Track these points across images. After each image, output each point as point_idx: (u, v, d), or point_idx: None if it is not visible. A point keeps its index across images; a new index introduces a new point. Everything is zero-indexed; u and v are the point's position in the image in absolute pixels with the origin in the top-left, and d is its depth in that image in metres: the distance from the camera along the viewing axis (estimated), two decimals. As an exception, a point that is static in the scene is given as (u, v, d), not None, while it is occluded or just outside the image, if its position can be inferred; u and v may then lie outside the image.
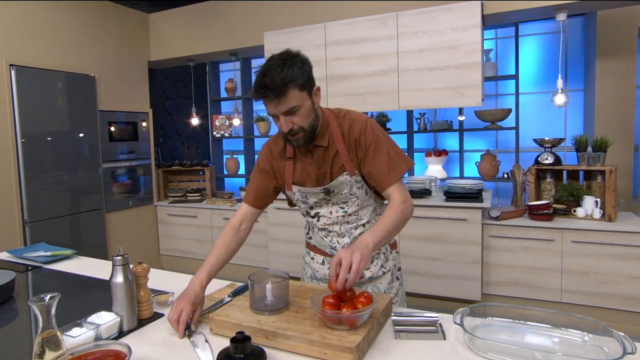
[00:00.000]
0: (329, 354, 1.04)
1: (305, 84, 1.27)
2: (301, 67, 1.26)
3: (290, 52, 1.29)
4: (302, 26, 3.52)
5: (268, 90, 1.22)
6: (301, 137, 1.33)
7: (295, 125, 1.29)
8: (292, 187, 1.47)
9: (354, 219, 1.48)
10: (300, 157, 1.45)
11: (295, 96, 1.25)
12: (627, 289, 2.78)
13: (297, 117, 1.28)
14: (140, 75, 4.28)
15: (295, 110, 1.27)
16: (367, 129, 1.38)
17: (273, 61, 1.25)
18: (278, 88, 1.21)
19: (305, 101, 1.29)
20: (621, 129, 3.59)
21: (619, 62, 3.58)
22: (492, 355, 1.04)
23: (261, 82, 1.23)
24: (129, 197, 4.15)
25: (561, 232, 2.91)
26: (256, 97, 1.27)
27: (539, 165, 3.17)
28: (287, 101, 1.24)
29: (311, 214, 1.52)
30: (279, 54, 1.28)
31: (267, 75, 1.22)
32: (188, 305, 1.23)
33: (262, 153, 1.53)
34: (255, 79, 1.27)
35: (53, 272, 1.85)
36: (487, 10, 2.97)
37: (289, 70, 1.22)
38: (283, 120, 1.28)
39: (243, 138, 5.02)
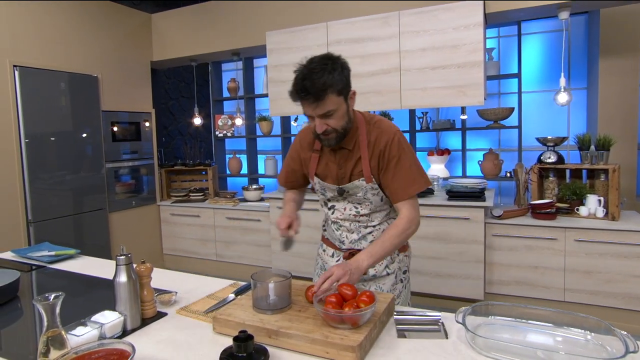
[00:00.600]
0: (331, 353, 1.04)
1: (342, 88, 1.31)
2: (341, 72, 1.30)
3: (332, 56, 1.32)
4: (304, 26, 3.52)
5: (308, 93, 1.26)
6: (333, 138, 1.39)
7: (329, 126, 1.34)
8: (314, 178, 1.56)
9: (365, 220, 1.53)
10: (325, 152, 1.51)
11: (333, 100, 1.29)
12: (631, 288, 2.77)
13: (332, 119, 1.33)
14: (143, 76, 4.29)
15: (331, 113, 1.32)
16: (393, 142, 1.42)
17: (314, 64, 1.28)
18: (317, 92, 1.25)
19: (341, 105, 1.34)
20: (624, 128, 3.57)
21: (623, 60, 3.56)
22: (495, 354, 1.04)
23: (302, 86, 1.26)
24: (132, 197, 4.16)
25: (564, 231, 2.90)
26: (295, 98, 1.31)
27: (541, 164, 3.16)
28: (324, 105, 1.29)
29: (328, 205, 1.60)
30: (320, 57, 1.31)
31: (307, 79, 1.25)
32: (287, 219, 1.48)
33: (294, 142, 1.63)
34: (294, 80, 1.30)
35: (57, 271, 1.86)
36: (489, 9, 2.96)
37: (329, 76, 1.26)
38: (318, 122, 1.33)
39: (245, 138, 5.02)
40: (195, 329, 1.25)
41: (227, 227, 4.13)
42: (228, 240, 4.14)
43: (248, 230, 4.03)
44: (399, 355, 1.07)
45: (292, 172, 1.65)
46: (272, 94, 3.76)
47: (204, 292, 1.54)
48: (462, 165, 4.03)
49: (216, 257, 4.22)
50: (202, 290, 1.57)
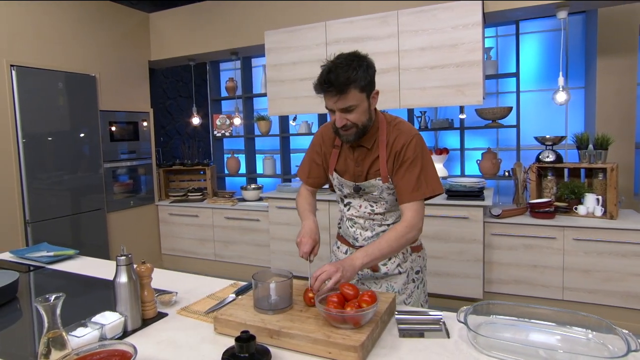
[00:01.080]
0: (333, 353, 1.04)
1: (366, 86, 1.33)
2: (365, 70, 1.32)
3: (359, 54, 1.35)
4: (302, 25, 3.52)
5: (331, 86, 1.29)
6: (352, 134, 1.40)
7: (349, 121, 1.36)
8: (333, 173, 1.58)
9: (380, 218, 1.55)
10: (344, 149, 1.53)
11: (355, 96, 1.32)
12: (630, 286, 2.78)
13: (352, 115, 1.36)
14: (141, 75, 4.27)
15: (352, 108, 1.34)
16: (411, 144, 1.43)
17: (341, 60, 1.32)
18: (340, 86, 1.28)
19: (363, 102, 1.36)
20: (622, 127, 3.58)
21: (620, 59, 3.57)
22: (496, 353, 1.04)
23: (326, 78, 1.30)
24: (130, 197, 4.15)
25: (563, 230, 2.91)
26: (318, 90, 1.35)
27: (540, 163, 3.17)
28: (346, 99, 1.31)
29: (344, 202, 1.61)
30: (347, 53, 1.35)
31: (332, 72, 1.29)
32: (312, 242, 1.44)
33: (316, 137, 1.64)
34: (320, 73, 1.33)
35: (56, 272, 1.85)
36: (487, 8, 2.96)
37: (354, 72, 1.29)
38: (339, 116, 1.36)
39: (244, 137, 5.01)
40: (196, 329, 1.25)
41: (225, 227, 4.12)
42: (227, 240, 4.13)
43: (247, 230, 4.02)
44: (401, 355, 1.07)
45: (315, 167, 1.64)
46: (271, 94, 3.76)
47: (204, 293, 1.53)
48: (460, 164, 4.03)
49: (215, 257, 4.21)
50: (202, 290, 1.56)
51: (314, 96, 3.69)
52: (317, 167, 1.63)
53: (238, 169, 5.20)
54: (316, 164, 1.63)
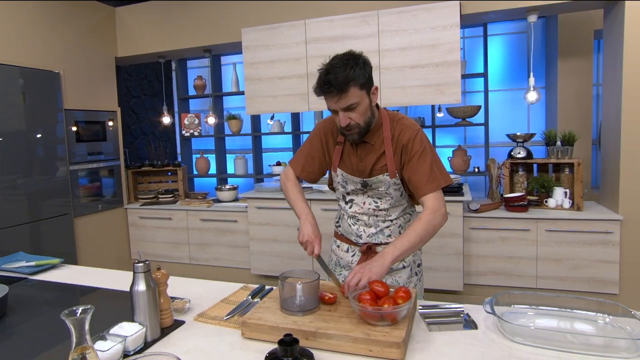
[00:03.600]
0: (374, 351, 1.04)
1: (365, 83, 1.35)
2: (362, 68, 1.34)
3: (354, 53, 1.37)
4: (281, 23, 3.48)
5: (331, 86, 1.31)
6: (356, 133, 1.42)
7: (352, 120, 1.38)
8: (337, 170, 1.57)
9: (384, 214, 1.56)
10: (347, 145, 1.54)
11: (356, 94, 1.34)
12: (595, 272, 2.99)
13: (355, 113, 1.37)
14: (108, 72, 4.05)
15: (354, 107, 1.36)
16: (417, 137, 1.45)
17: (337, 60, 1.34)
18: (340, 85, 1.30)
19: (364, 99, 1.37)
20: (581, 125, 3.84)
21: (578, 62, 3.83)
22: (527, 340, 1.08)
23: (325, 79, 1.32)
24: (97, 201, 3.93)
25: (536, 222, 3.07)
26: (319, 92, 1.37)
27: (512, 159, 3.33)
28: (347, 98, 1.33)
29: (346, 200, 1.61)
30: (342, 54, 1.37)
31: (331, 73, 1.31)
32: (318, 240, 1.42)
33: (316, 129, 1.64)
34: (319, 76, 1.35)
35: (43, 283, 1.72)
36: (464, 10, 3.07)
37: (352, 70, 1.31)
38: (342, 116, 1.37)
39: (214, 137, 4.89)
40: (220, 335, 1.21)
41: (201, 229, 4.00)
42: (202, 243, 4.02)
43: (224, 232, 3.93)
44: (437, 348, 1.09)
45: (311, 160, 1.61)
46: (248, 92, 3.69)
47: (216, 297, 1.49)
48: (434, 161, 4.14)
49: (190, 260, 4.08)
50: (212, 295, 1.51)
51: (293, 94, 3.68)
52: (313, 161, 1.61)
53: (208, 170, 5.07)
54: (313, 158, 1.61)
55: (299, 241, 1.46)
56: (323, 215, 3.50)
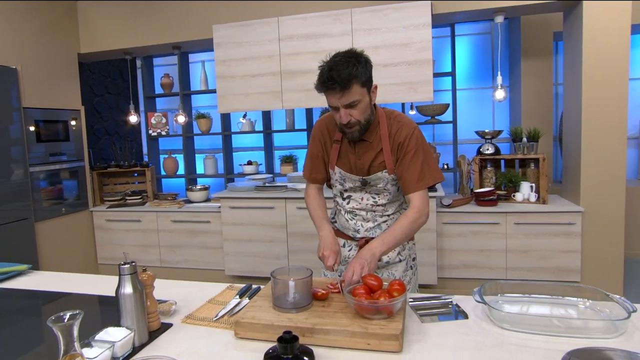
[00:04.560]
0: (372, 344, 1.05)
1: (366, 81, 1.38)
2: (364, 66, 1.37)
3: (356, 51, 1.39)
4: (254, 20, 3.43)
5: (335, 83, 1.32)
6: (356, 130, 1.44)
7: (353, 118, 1.40)
8: (335, 168, 1.59)
9: (381, 210, 1.59)
10: (344, 143, 1.55)
11: (357, 91, 1.35)
12: (560, 262, 3.14)
13: (356, 110, 1.39)
14: (70, 69, 3.85)
15: (355, 104, 1.37)
16: (413, 135, 1.48)
17: (339, 58, 1.35)
18: (344, 82, 1.32)
19: (365, 97, 1.39)
20: (543, 122, 4.01)
21: (540, 62, 4.00)
22: (516, 327, 1.12)
23: (328, 75, 1.32)
24: (61, 204, 3.73)
25: (505, 215, 3.19)
26: (321, 89, 1.38)
27: (481, 155, 3.44)
28: (350, 95, 1.34)
29: (343, 196, 1.62)
30: (344, 52, 1.38)
31: (334, 69, 1.32)
32: (334, 254, 1.41)
33: (315, 130, 1.64)
34: (320, 72, 1.36)
35: (10, 291, 1.62)
36: (435, 10, 3.14)
37: (354, 68, 1.33)
38: (343, 112, 1.39)
39: (182, 136, 4.77)
40: (211, 337, 1.18)
41: (172, 230, 3.89)
42: (174, 245, 3.90)
43: (196, 233, 3.84)
44: (432, 339, 1.11)
45: (316, 160, 1.64)
46: (220, 90, 3.62)
47: (202, 298, 1.45)
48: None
49: (161, 263, 3.96)
50: (197, 296, 1.47)
51: (266, 92, 3.64)
52: (318, 161, 1.64)
53: (176, 170, 4.94)
54: (317, 159, 1.64)
55: (318, 256, 1.46)
56: (298, 214, 3.49)
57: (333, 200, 1.72)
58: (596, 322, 1.12)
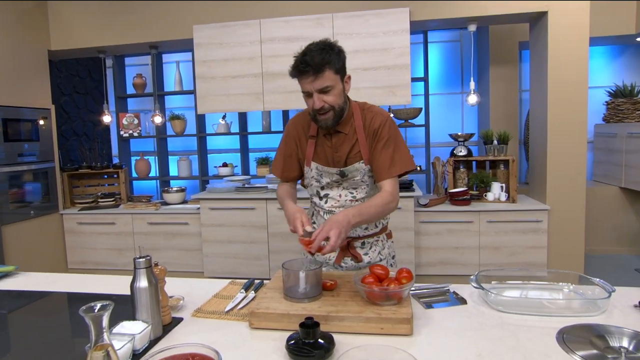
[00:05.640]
0: (385, 328, 1.11)
1: (339, 69, 1.42)
2: (338, 54, 1.41)
3: (329, 41, 1.43)
4: (235, 21, 3.45)
5: (308, 66, 1.35)
6: (330, 117, 1.45)
7: (326, 103, 1.41)
8: (311, 164, 1.58)
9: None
10: (320, 137, 1.56)
11: (330, 77, 1.39)
12: (529, 257, 3.34)
13: (329, 96, 1.41)
14: (39, 67, 3.71)
15: (328, 89, 1.40)
16: (386, 124, 1.51)
17: (314, 45, 1.40)
18: (317, 66, 1.35)
19: (338, 84, 1.42)
20: (509, 126, 4.25)
21: (506, 70, 4.24)
22: (512, 309, 1.22)
23: (302, 59, 1.37)
24: (29, 206, 3.58)
25: (478, 214, 3.36)
26: (294, 73, 1.41)
27: (455, 157, 3.61)
28: (322, 79, 1.38)
29: (320, 195, 1.62)
30: (318, 41, 1.42)
31: (307, 54, 1.37)
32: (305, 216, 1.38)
33: (287, 128, 1.65)
34: (295, 59, 1.40)
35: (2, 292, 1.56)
36: (413, 17, 3.28)
37: (327, 54, 1.38)
38: (316, 97, 1.40)
39: (156, 138, 4.68)
40: (225, 328, 1.20)
41: (148, 233, 3.81)
42: (150, 248, 3.82)
43: (174, 235, 3.78)
44: (438, 322, 1.19)
45: (289, 159, 1.64)
46: (200, 90, 3.60)
47: (206, 294, 1.46)
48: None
49: (136, 267, 3.86)
50: (199, 292, 1.49)
51: (247, 94, 3.66)
52: (291, 159, 1.64)
53: (148, 172, 4.84)
54: (290, 156, 1.64)
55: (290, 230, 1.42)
56: (279, 214, 3.52)
57: (310, 202, 1.69)
58: (581, 302, 1.23)
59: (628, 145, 3.92)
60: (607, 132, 4.26)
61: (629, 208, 4.11)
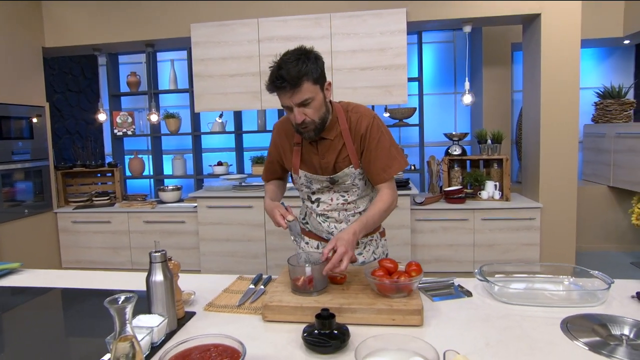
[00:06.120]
0: (397, 319, 1.15)
1: (318, 78, 1.35)
2: (315, 62, 1.34)
3: (305, 49, 1.38)
4: (233, 20, 3.46)
5: (284, 81, 1.29)
6: (312, 130, 1.41)
7: (307, 117, 1.37)
8: (299, 172, 1.56)
9: (352, 207, 1.58)
10: (305, 144, 1.53)
11: (309, 89, 1.32)
12: (522, 254, 3.41)
13: (309, 109, 1.36)
14: (34, 64, 3.67)
15: (308, 102, 1.34)
16: (373, 125, 1.48)
17: (288, 56, 1.33)
18: (293, 80, 1.28)
19: (318, 94, 1.36)
20: (502, 126, 4.33)
21: (499, 70, 4.32)
22: (516, 301, 1.26)
23: (278, 74, 1.29)
24: (22, 205, 3.54)
25: (473, 212, 3.42)
26: (271, 88, 1.34)
27: (450, 156, 3.66)
28: (301, 93, 1.31)
29: (312, 199, 1.61)
30: (293, 50, 1.37)
31: (283, 68, 1.29)
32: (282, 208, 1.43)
33: (272, 134, 1.65)
34: (271, 72, 1.33)
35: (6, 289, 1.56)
36: (409, 18, 3.32)
37: (304, 65, 1.30)
38: (297, 112, 1.35)
39: (150, 136, 4.67)
40: (239, 322, 1.23)
41: (144, 231, 3.80)
42: (146, 246, 3.82)
43: (170, 234, 3.78)
44: (446, 314, 1.22)
45: (271, 166, 1.66)
46: (197, 89, 3.60)
47: (216, 289, 1.48)
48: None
49: (132, 265, 3.86)
50: (208, 287, 1.50)
51: (245, 92, 3.67)
52: (273, 166, 1.65)
53: (142, 171, 4.82)
54: (272, 164, 1.65)
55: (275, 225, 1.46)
56: (277, 213, 3.54)
57: (302, 202, 1.69)
58: (582, 293, 1.28)
59: (616, 145, 4.02)
60: (596, 132, 4.36)
61: (617, 206, 4.22)
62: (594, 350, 1.00)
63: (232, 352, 0.88)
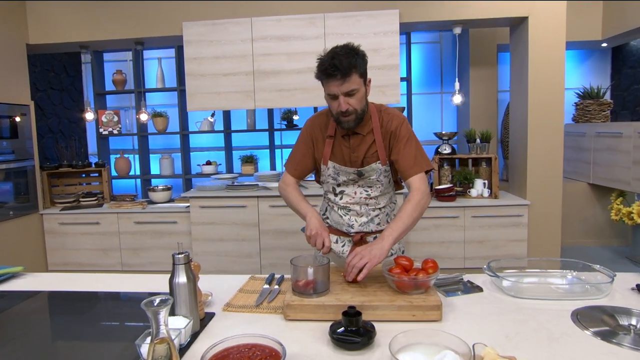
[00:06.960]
0: (417, 315, 1.18)
1: (363, 73, 1.48)
2: (362, 59, 1.47)
3: (354, 45, 1.49)
4: (226, 19, 3.43)
5: (337, 70, 1.40)
6: (352, 119, 1.51)
7: (350, 106, 1.47)
8: (328, 163, 1.64)
9: (374, 203, 1.67)
10: (338, 137, 1.62)
11: (356, 80, 1.45)
12: (511, 250, 3.51)
13: (353, 99, 1.47)
14: (17, 61, 3.55)
15: (353, 93, 1.46)
16: (404, 124, 1.59)
17: (340, 49, 1.46)
18: (345, 70, 1.41)
19: (362, 87, 1.49)
20: (489, 126, 4.44)
21: (486, 71, 4.43)
22: (525, 295, 1.32)
23: (331, 63, 1.41)
24: (7, 207, 3.44)
25: (463, 209, 3.50)
26: (322, 77, 1.46)
27: (440, 154, 3.74)
28: (349, 82, 1.43)
29: (336, 192, 1.69)
30: (343, 45, 1.48)
31: (336, 58, 1.42)
32: (327, 234, 1.49)
33: (305, 128, 1.70)
34: (321, 62, 1.44)
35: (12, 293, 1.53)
36: (402, 19, 3.37)
37: (354, 58, 1.44)
38: (342, 100, 1.46)
39: (137, 135, 4.59)
40: (260, 321, 1.24)
41: (134, 232, 3.74)
42: (136, 247, 3.76)
43: (161, 234, 3.73)
44: (461, 309, 1.27)
45: (303, 158, 1.69)
46: (190, 88, 3.56)
47: (231, 289, 1.49)
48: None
49: (122, 266, 3.79)
50: (221, 287, 1.51)
51: (239, 92, 3.65)
52: (305, 159, 1.70)
53: (129, 171, 4.74)
54: (304, 156, 1.70)
55: (306, 236, 1.51)
56: (271, 212, 3.55)
57: (323, 198, 1.78)
58: (587, 286, 1.35)
59: (596, 144, 4.18)
60: (576, 132, 4.52)
61: (597, 203, 4.39)
62: (604, 339, 1.06)
63: (271, 352, 0.90)
